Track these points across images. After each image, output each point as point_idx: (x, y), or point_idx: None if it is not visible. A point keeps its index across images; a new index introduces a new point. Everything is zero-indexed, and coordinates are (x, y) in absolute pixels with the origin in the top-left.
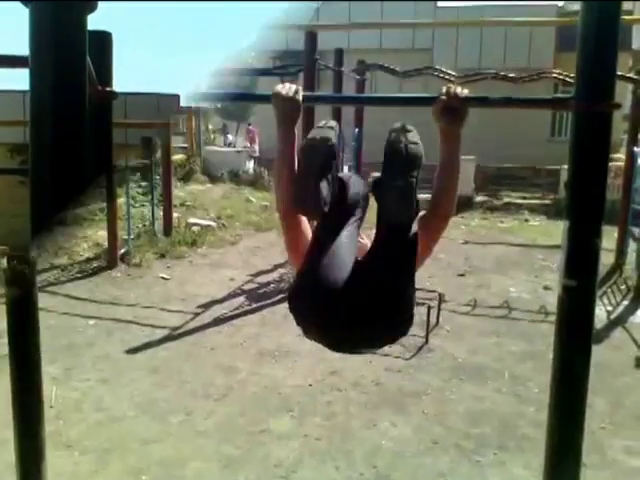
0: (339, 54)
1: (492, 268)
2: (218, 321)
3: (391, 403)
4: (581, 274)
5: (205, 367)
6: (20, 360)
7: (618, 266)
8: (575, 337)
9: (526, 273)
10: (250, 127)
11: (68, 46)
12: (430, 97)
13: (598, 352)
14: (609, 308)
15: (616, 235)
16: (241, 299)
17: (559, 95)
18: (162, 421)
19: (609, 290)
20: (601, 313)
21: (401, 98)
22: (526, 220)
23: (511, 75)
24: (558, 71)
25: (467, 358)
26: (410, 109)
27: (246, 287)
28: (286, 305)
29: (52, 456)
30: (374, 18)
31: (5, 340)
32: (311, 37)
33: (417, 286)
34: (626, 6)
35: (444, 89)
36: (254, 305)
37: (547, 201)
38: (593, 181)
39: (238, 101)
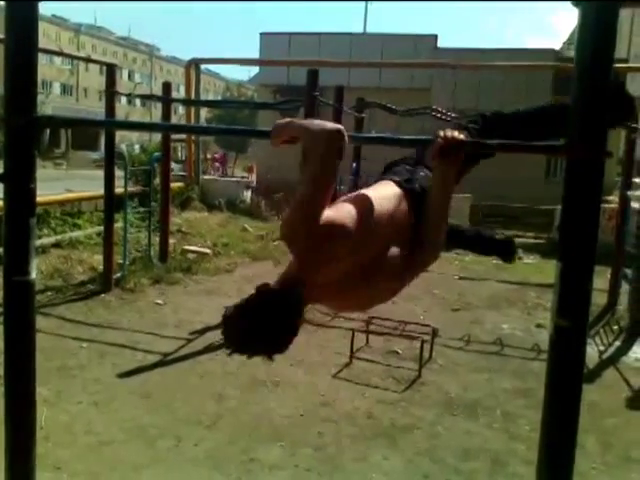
0: (339, 91)
1: (486, 304)
2: (211, 348)
3: (383, 436)
4: (573, 315)
5: (196, 394)
6: (14, 381)
7: (610, 306)
8: (566, 377)
9: (519, 310)
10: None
11: None
12: (426, 139)
13: (589, 392)
14: (601, 348)
15: (609, 276)
16: None
17: (552, 143)
18: (152, 446)
19: (602, 330)
20: (593, 353)
21: (398, 139)
22: (520, 258)
23: None
24: None
25: (459, 393)
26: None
27: None
28: None
29: (40, 478)
30: (374, 57)
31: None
32: (312, 75)
33: (411, 319)
34: (621, 54)
35: (440, 132)
36: None
37: (541, 240)
38: (585, 224)
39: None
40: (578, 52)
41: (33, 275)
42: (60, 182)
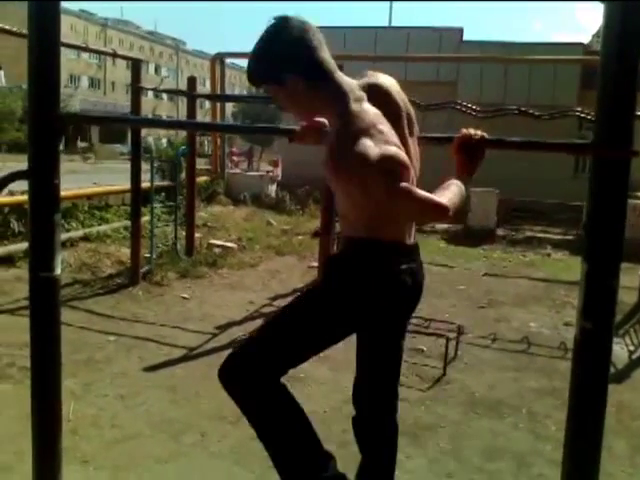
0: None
1: (513, 302)
2: (235, 343)
3: (406, 435)
4: (598, 316)
5: (221, 389)
6: (40, 376)
7: None
8: (591, 379)
9: (547, 308)
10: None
11: None
12: (447, 137)
13: (618, 392)
14: (631, 348)
15: None
16: (259, 322)
17: (577, 141)
18: (176, 441)
19: (631, 329)
20: (622, 353)
21: (420, 137)
22: (548, 255)
23: (533, 112)
24: (581, 109)
25: (485, 392)
26: None
27: (264, 310)
28: None
29: (67, 470)
30: (400, 51)
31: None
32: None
33: (436, 317)
34: None
35: (462, 131)
36: None
37: (570, 236)
38: (611, 225)
39: None
40: (603, 51)
41: (58, 271)
42: (88, 175)
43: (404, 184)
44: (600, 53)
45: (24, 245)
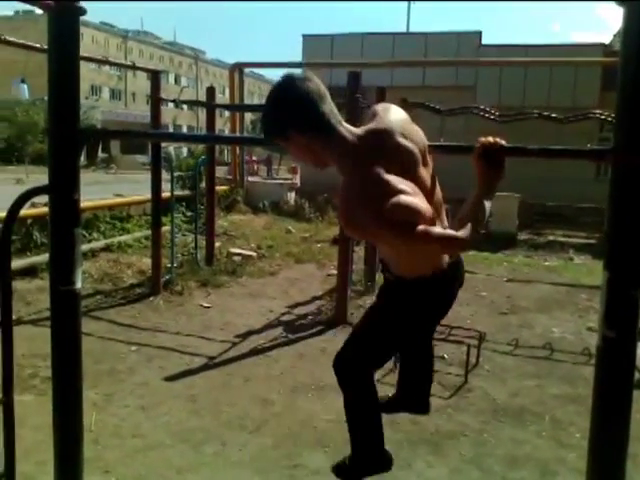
0: (381, 92)
1: (535, 307)
2: (255, 352)
3: (428, 443)
4: (621, 325)
5: (241, 398)
6: (61, 388)
7: None
8: (615, 387)
9: (570, 313)
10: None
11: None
12: (467, 147)
13: None
14: None
15: None
16: (279, 330)
17: (596, 147)
18: (197, 450)
19: None
20: None
21: (439, 146)
22: (570, 259)
23: (554, 115)
24: (601, 112)
25: (507, 400)
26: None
27: (284, 318)
28: (323, 338)
29: None
30: (418, 56)
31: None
32: (354, 77)
33: (458, 323)
34: None
35: (481, 139)
36: (291, 337)
37: (592, 240)
38: (633, 232)
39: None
40: (623, 53)
41: (79, 284)
42: (110, 186)
43: (421, 227)
44: (619, 55)
45: (46, 256)
